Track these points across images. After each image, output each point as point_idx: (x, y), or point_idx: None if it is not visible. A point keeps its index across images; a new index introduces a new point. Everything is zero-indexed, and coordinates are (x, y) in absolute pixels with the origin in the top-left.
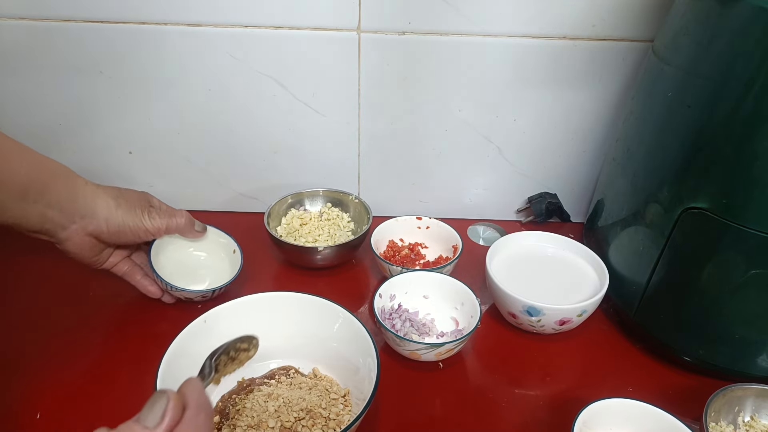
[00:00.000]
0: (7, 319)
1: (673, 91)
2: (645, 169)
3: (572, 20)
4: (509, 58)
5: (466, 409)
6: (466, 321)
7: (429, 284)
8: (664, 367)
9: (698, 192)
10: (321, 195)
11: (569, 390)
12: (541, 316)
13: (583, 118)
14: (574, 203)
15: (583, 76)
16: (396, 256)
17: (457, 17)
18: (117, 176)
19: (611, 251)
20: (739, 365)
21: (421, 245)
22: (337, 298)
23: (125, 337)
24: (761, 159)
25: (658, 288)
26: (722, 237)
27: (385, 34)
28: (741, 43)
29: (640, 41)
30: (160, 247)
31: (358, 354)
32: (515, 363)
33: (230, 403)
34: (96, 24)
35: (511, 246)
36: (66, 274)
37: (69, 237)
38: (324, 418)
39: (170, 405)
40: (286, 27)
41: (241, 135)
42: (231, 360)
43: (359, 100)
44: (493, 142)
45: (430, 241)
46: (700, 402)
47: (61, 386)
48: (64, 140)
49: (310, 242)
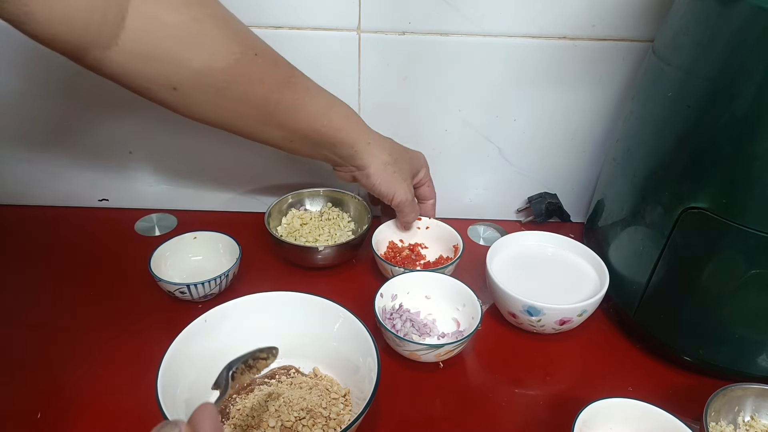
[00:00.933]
0: (7, 320)
1: (673, 91)
2: (645, 169)
3: (572, 20)
4: (509, 58)
5: (467, 409)
6: (467, 322)
7: (431, 285)
8: (664, 367)
9: (698, 192)
10: (321, 195)
11: (569, 390)
12: (541, 316)
13: (583, 118)
14: (574, 203)
15: (583, 76)
16: (397, 257)
17: (457, 17)
18: (117, 176)
19: (611, 251)
20: (739, 365)
21: (422, 245)
22: (338, 298)
23: (125, 337)
24: (761, 159)
25: (658, 288)
26: (722, 237)
27: (385, 34)
28: (741, 43)
29: (640, 41)
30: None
31: (358, 354)
32: (515, 363)
33: (230, 402)
34: None
35: (511, 246)
36: (66, 274)
37: (342, 171)
38: (324, 417)
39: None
40: (286, 27)
41: None
42: (248, 368)
43: (359, 100)
44: (493, 142)
45: (430, 242)
46: (700, 402)
47: (61, 386)
48: (64, 140)
49: (310, 242)
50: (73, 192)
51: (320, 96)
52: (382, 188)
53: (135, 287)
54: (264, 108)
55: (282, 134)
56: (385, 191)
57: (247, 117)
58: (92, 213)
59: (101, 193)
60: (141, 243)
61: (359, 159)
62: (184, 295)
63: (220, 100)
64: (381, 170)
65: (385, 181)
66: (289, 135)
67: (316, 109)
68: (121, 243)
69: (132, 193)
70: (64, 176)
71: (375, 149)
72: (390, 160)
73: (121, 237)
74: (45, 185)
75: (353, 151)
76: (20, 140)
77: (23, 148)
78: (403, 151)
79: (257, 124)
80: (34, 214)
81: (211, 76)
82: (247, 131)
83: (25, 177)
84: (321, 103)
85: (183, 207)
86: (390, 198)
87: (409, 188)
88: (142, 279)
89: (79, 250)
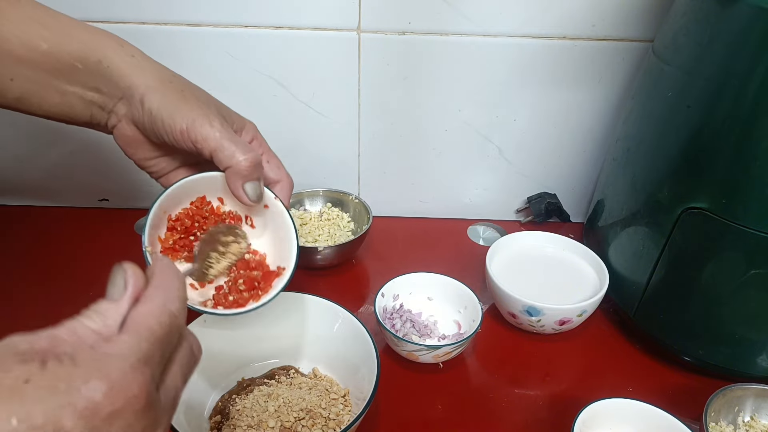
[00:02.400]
0: (7, 319)
1: (673, 91)
2: (645, 169)
3: (572, 20)
4: (509, 58)
5: (466, 409)
6: (468, 325)
7: (433, 286)
8: (664, 367)
9: (698, 192)
10: (321, 195)
11: (569, 390)
12: (541, 316)
13: (582, 118)
14: (574, 203)
15: (582, 76)
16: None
17: (457, 17)
18: (117, 176)
19: (611, 251)
20: (739, 365)
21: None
22: (337, 298)
23: None
24: (761, 159)
25: (658, 288)
26: (722, 237)
27: (385, 34)
28: (741, 43)
29: (640, 41)
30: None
31: (358, 354)
32: (515, 363)
33: (230, 403)
34: (96, 24)
35: (511, 246)
36: (66, 274)
37: (114, 124)
38: (324, 418)
39: (129, 272)
40: (286, 27)
41: None
42: (222, 255)
43: (359, 100)
44: (493, 142)
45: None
46: (700, 402)
47: None
48: (64, 139)
49: (310, 242)
50: (73, 192)
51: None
52: (163, 113)
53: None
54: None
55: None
56: (172, 117)
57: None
58: (92, 213)
59: (101, 193)
60: (141, 243)
61: (120, 78)
62: None
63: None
64: (161, 87)
65: (171, 102)
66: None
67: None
68: (121, 243)
69: (132, 193)
70: (63, 176)
71: (146, 63)
72: (174, 78)
73: (121, 237)
74: (45, 185)
75: (107, 68)
76: (20, 140)
77: (23, 147)
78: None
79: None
80: (34, 214)
81: None
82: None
83: (25, 177)
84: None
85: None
86: (182, 127)
87: (221, 124)
88: None
89: (79, 250)
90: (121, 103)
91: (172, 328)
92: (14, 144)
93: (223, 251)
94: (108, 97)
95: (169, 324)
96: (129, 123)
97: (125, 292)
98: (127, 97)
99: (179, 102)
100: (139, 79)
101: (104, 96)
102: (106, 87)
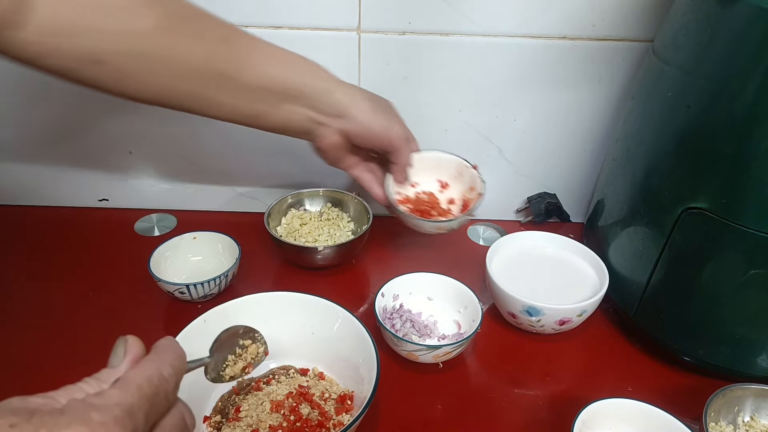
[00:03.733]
0: (7, 320)
1: (673, 91)
2: (645, 169)
3: (572, 20)
4: (509, 58)
5: (466, 409)
6: (468, 325)
7: (433, 286)
8: (664, 367)
9: (698, 192)
10: (321, 195)
11: (569, 390)
12: (541, 316)
13: (582, 118)
14: (574, 203)
15: (582, 76)
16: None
17: (457, 17)
18: (117, 176)
19: (611, 251)
20: (739, 365)
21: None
22: (337, 298)
23: None
24: (761, 159)
25: (658, 288)
26: (722, 237)
27: (385, 34)
28: (741, 43)
29: (640, 41)
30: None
31: (358, 354)
32: (515, 363)
33: (230, 403)
34: None
35: (511, 246)
36: (66, 274)
37: (325, 134)
38: (324, 418)
39: (130, 342)
40: (286, 27)
41: (241, 135)
42: (238, 357)
43: None
44: (493, 142)
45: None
46: (700, 402)
47: (60, 386)
48: (64, 139)
49: (310, 242)
50: (73, 192)
51: (272, 48)
52: (374, 126)
53: (134, 287)
54: (206, 68)
55: (236, 96)
56: (380, 128)
57: (188, 81)
58: (92, 213)
59: (101, 193)
60: (141, 243)
61: (338, 103)
62: (184, 295)
63: (153, 66)
64: (368, 108)
65: (377, 118)
66: (246, 94)
67: (270, 60)
68: (120, 243)
69: (132, 193)
70: (64, 176)
71: (351, 90)
72: (372, 98)
73: (120, 237)
74: (45, 185)
75: (328, 95)
76: (20, 140)
77: (23, 148)
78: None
79: (202, 89)
80: (34, 214)
81: (137, 39)
82: (195, 101)
83: (25, 177)
84: (276, 54)
85: (183, 207)
86: (388, 135)
87: (403, 123)
88: (142, 279)
89: (79, 250)
90: (337, 120)
91: (160, 390)
92: (15, 145)
93: (240, 353)
94: (326, 115)
95: (158, 385)
96: (336, 133)
97: (124, 359)
98: (342, 114)
99: (383, 116)
100: (353, 103)
101: (321, 112)
102: (325, 108)
